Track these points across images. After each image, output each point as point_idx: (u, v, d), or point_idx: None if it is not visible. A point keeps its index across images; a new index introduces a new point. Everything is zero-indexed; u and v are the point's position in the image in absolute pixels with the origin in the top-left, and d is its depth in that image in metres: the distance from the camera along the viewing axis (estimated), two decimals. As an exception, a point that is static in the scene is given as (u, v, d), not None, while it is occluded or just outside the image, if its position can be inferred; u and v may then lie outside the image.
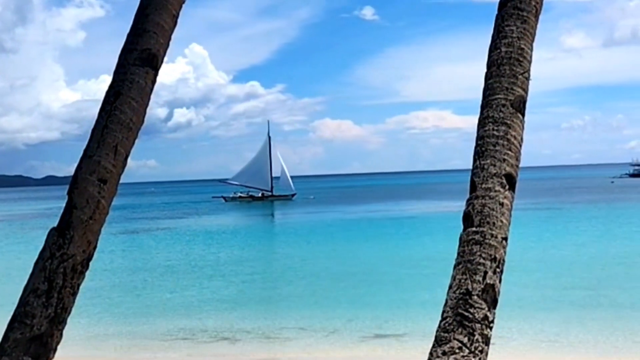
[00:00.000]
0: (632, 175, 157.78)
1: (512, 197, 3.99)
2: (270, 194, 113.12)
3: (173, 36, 5.03)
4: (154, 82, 4.89)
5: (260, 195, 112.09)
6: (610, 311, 22.34)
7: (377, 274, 33.04)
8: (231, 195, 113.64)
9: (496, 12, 4.32)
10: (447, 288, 3.75)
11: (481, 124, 4.08)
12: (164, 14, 4.88)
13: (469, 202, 3.90)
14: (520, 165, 4.06)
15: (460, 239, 3.85)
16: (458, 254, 3.82)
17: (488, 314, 3.65)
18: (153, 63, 4.82)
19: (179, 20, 5.05)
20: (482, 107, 4.13)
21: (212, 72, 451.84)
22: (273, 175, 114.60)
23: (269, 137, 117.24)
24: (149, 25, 4.84)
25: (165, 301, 28.83)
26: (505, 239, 3.85)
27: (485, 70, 4.23)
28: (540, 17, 4.31)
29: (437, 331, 3.67)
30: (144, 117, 4.85)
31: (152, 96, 4.92)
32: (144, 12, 4.89)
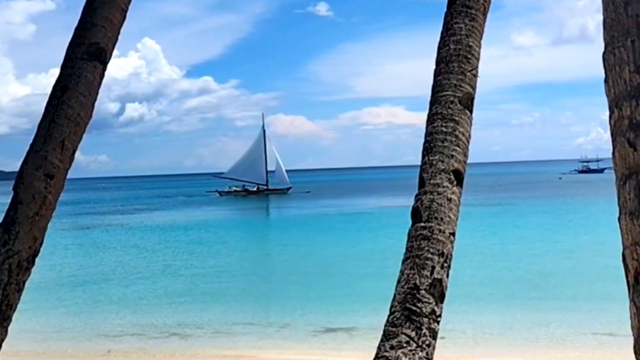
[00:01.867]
0: (581, 172, 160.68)
1: (460, 193, 4.03)
2: (265, 187, 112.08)
3: (124, 30, 4.99)
4: (102, 76, 4.84)
5: (255, 189, 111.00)
6: (558, 304, 22.74)
7: (330, 269, 33.15)
8: (226, 190, 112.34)
9: (445, 10, 4.35)
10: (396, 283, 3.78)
11: (430, 120, 4.11)
12: (112, 7, 4.83)
13: (417, 198, 3.93)
14: (472, 161, 4.10)
15: (409, 234, 3.88)
16: (407, 249, 3.85)
17: (435, 308, 3.68)
18: (101, 57, 4.77)
19: (130, 14, 5.01)
20: (431, 103, 4.16)
21: (164, 66, 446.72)
22: (268, 169, 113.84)
23: (264, 131, 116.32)
24: (97, 19, 4.79)
25: (116, 296, 28.55)
26: (453, 234, 3.89)
27: (434, 67, 4.27)
28: (491, 15, 4.36)
29: (385, 326, 3.70)
30: (92, 111, 4.80)
31: (104, 90, 4.89)
32: (92, 5, 4.84)
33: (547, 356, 17.37)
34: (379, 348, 3.63)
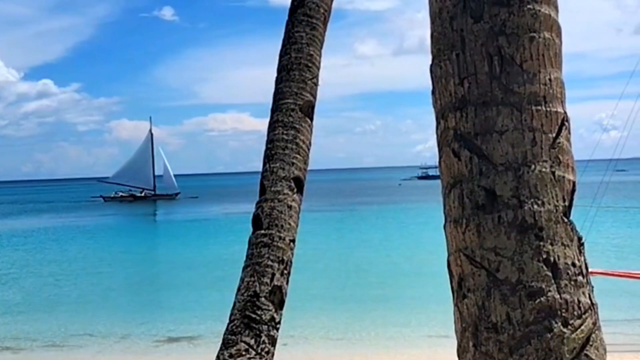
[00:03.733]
0: (420, 178, 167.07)
1: (301, 200, 4.04)
2: (153, 193, 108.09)
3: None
4: None
5: (142, 194, 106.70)
6: (398, 306, 23.44)
7: (172, 277, 32.69)
8: (112, 195, 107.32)
9: (287, 18, 4.35)
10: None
11: (271, 127, 4.10)
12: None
13: (258, 205, 3.91)
14: (316, 168, 4.13)
15: (250, 241, 3.85)
16: (247, 256, 3.82)
17: (275, 315, 3.67)
18: None
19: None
20: (272, 111, 4.16)
21: (1, 68, 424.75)
22: (155, 173, 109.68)
23: (151, 134, 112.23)
24: None
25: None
26: (293, 241, 3.90)
27: (276, 75, 4.27)
28: (335, 24, 4.39)
29: (224, 334, 3.65)
30: None
31: None
32: None
33: (387, 357, 17.86)
34: (217, 357, 3.58)
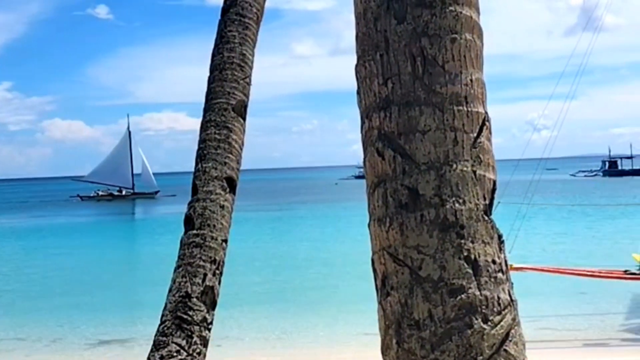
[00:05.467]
0: (358, 177, 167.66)
1: (233, 200, 4.04)
2: (132, 191, 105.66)
3: None
4: None
5: (120, 193, 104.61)
6: (334, 305, 23.51)
7: (102, 278, 32.16)
8: (91, 194, 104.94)
9: (219, 18, 4.36)
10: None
11: (203, 127, 4.09)
12: None
13: (190, 205, 3.90)
14: (253, 167, 4.14)
15: (181, 242, 3.83)
16: (179, 257, 3.80)
17: (207, 315, 3.66)
18: None
19: None
20: (205, 110, 4.14)
21: None
22: (134, 172, 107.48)
23: (129, 132, 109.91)
24: None
25: None
26: (225, 240, 3.89)
27: (208, 74, 4.27)
28: (271, 24, 4.46)
29: (155, 335, 3.62)
30: None
31: None
32: None
33: (322, 355, 17.92)
34: (148, 359, 3.56)
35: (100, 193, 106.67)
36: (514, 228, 16.98)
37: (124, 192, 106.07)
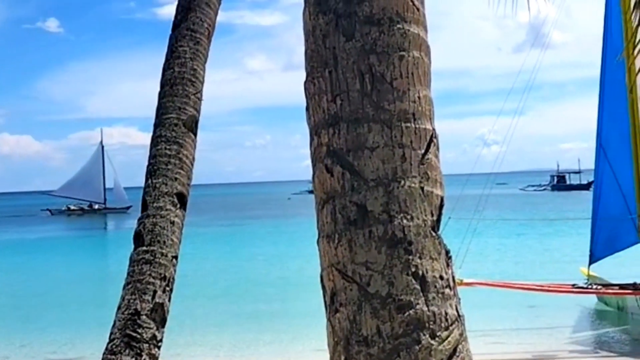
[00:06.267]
0: (310, 192, 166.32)
1: (184, 216, 4.03)
2: (104, 206, 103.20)
3: None
4: None
5: (91, 207, 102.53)
6: (288, 321, 23.40)
7: (52, 295, 31.53)
8: (63, 209, 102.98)
9: (170, 33, 4.35)
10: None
11: (154, 142, 4.07)
12: None
13: (140, 221, 3.87)
14: (205, 182, 4.11)
15: (131, 258, 3.80)
16: (128, 273, 3.77)
17: (156, 333, 3.64)
18: None
19: None
20: (155, 126, 4.13)
21: None
22: (106, 186, 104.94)
23: (102, 146, 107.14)
24: None
25: None
26: (176, 257, 3.87)
27: (159, 89, 4.26)
28: (224, 39, 4.45)
29: (104, 354, 3.59)
30: None
31: None
32: None
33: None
34: (96, 377, 3.52)
35: (72, 207, 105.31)
36: (465, 243, 17.14)
37: (96, 207, 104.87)
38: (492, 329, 18.43)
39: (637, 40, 5.91)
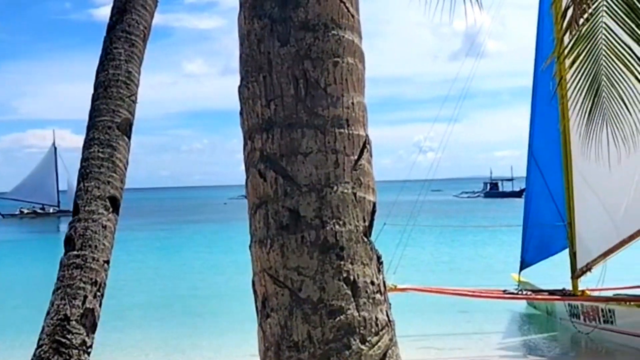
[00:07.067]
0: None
1: (116, 220, 3.98)
2: (57, 209, 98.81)
3: None
4: None
5: (44, 210, 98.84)
6: (222, 327, 23.21)
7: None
8: (16, 212, 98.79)
9: (105, 35, 4.30)
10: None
11: (87, 145, 4.00)
12: None
13: (71, 225, 3.81)
14: (140, 186, 4.07)
15: (61, 263, 3.73)
16: (58, 278, 3.70)
17: (86, 339, 3.58)
18: None
19: None
20: (89, 128, 4.06)
21: None
22: (60, 188, 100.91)
23: (55, 148, 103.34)
24: None
25: None
26: (107, 262, 3.82)
27: (92, 91, 4.20)
28: (161, 42, 4.44)
29: (32, 360, 3.53)
30: None
31: None
32: None
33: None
34: (27, 386, 3.46)
35: (25, 211, 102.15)
36: (400, 248, 17.29)
37: (51, 210, 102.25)
38: (424, 334, 18.62)
39: (562, 48, 6.06)
